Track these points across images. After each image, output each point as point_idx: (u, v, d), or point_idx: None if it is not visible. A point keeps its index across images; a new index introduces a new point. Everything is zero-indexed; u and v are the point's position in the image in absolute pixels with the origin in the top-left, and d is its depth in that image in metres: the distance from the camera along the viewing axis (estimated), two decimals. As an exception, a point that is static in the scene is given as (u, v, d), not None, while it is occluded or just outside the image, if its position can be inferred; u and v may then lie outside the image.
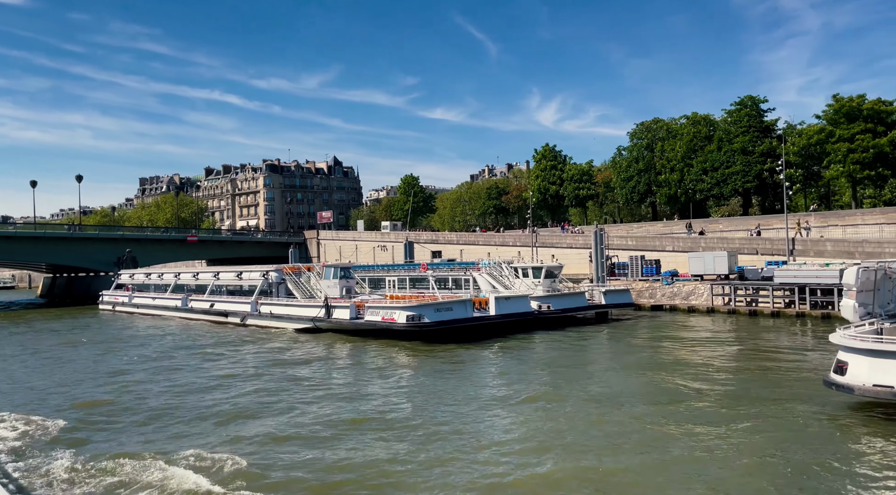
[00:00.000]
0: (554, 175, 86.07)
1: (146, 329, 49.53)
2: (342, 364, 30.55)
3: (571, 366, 28.09)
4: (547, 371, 26.77)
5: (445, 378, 25.75)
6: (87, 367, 30.90)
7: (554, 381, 24.54)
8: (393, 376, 26.59)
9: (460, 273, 49.58)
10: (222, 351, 35.43)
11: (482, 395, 22.27)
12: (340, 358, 32.20)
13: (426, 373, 27.02)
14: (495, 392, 22.90)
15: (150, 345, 38.62)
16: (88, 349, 37.48)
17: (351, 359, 31.59)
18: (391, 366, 28.98)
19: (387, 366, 29.22)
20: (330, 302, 40.70)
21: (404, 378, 26.25)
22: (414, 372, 27.66)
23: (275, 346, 36.59)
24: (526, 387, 23.30)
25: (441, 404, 21.01)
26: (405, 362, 29.96)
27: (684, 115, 75.10)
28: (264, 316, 46.74)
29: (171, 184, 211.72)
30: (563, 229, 71.84)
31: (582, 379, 24.71)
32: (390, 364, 29.60)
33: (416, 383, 25.14)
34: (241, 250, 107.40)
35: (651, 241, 62.33)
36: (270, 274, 49.86)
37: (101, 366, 31.32)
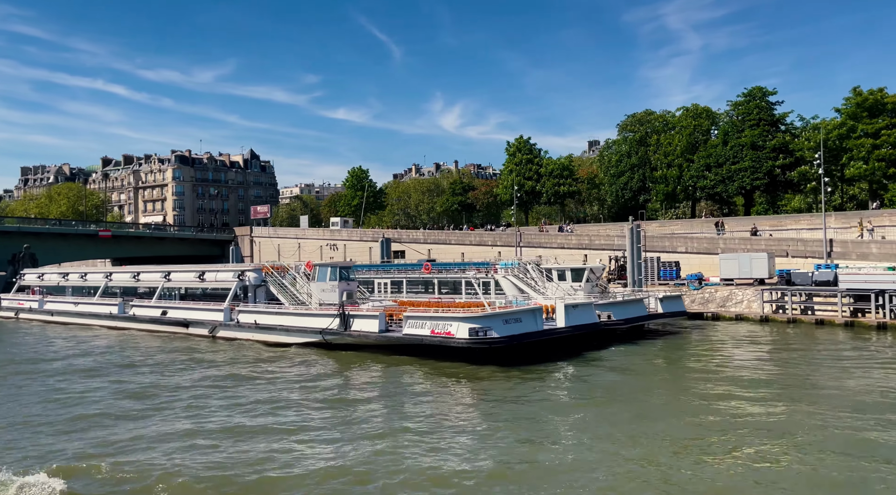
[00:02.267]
0: (530, 170, 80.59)
1: (70, 344, 39.52)
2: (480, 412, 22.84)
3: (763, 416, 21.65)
4: (728, 420, 20.34)
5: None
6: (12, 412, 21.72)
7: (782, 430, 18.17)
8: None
9: (477, 275, 42.70)
10: (199, 381, 26.85)
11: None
12: (457, 394, 24.20)
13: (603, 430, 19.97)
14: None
15: (99, 373, 29.08)
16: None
17: (474, 396, 23.39)
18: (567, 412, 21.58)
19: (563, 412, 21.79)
20: (347, 310, 32.76)
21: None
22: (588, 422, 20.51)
23: (297, 373, 28.36)
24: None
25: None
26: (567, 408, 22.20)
27: (683, 106, 71.74)
28: (245, 327, 37.97)
29: (60, 174, 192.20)
30: (562, 229, 66.24)
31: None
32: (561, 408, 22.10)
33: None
34: (160, 248, 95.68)
35: (660, 242, 57.71)
36: (248, 274, 41.07)
37: (36, 408, 22.19)
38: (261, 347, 35.62)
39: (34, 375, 28.23)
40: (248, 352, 33.98)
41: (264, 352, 34.04)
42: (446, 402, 21.74)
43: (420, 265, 48.14)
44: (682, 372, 26.65)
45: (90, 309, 50.14)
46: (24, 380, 26.77)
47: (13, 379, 27.05)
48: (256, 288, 41.50)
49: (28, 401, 22.90)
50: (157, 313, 44.23)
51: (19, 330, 49.21)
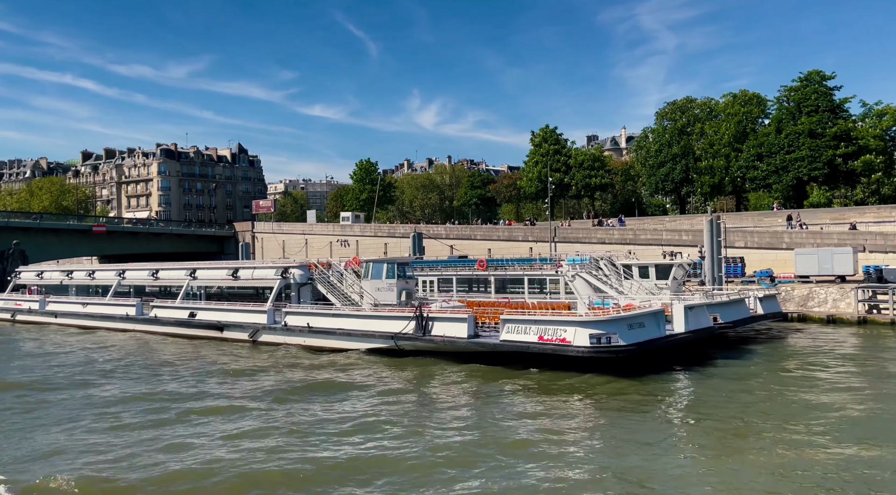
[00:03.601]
0: (557, 161, 76.88)
1: (85, 351, 35.14)
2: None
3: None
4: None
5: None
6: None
7: None
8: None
9: (544, 272, 38.93)
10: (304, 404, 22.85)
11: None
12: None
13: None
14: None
15: (135, 390, 24.85)
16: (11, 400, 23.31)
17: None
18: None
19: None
20: (425, 311, 28.79)
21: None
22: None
23: (373, 386, 24.40)
24: None
25: None
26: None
27: (730, 93, 68.45)
28: (294, 330, 33.83)
29: (37, 168, 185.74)
30: (601, 223, 62.62)
31: None
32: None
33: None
34: (156, 245, 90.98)
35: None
36: (292, 271, 36.92)
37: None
38: (314, 354, 31.62)
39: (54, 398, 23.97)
40: (303, 360, 29.98)
41: (322, 359, 30.04)
42: (585, 431, 17.96)
43: (468, 261, 44.27)
44: (827, 389, 22.91)
45: (102, 310, 45.63)
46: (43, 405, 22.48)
47: (30, 399, 22.76)
48: (301, 286, 37.39)
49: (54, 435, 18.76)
50: (183, 315, 39.90)
51: (18, 334, 44.62)
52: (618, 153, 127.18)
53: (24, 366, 30.51)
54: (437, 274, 43.58)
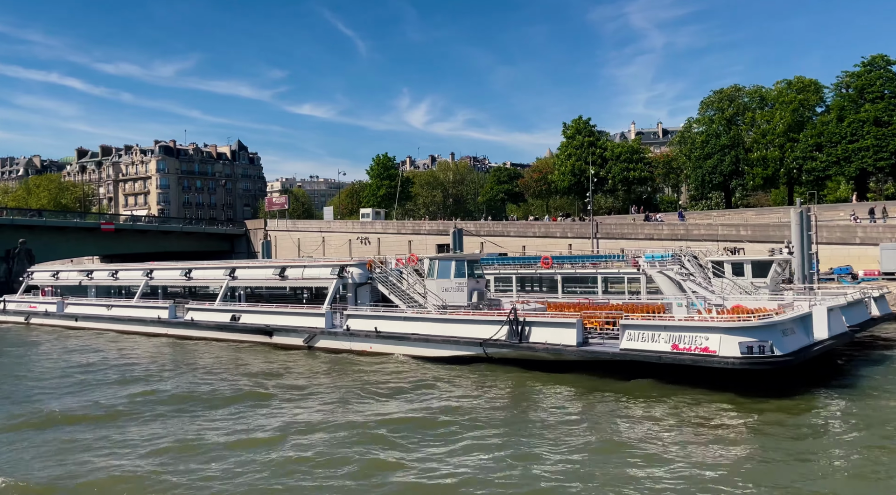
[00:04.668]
0: (592, 153, 73.71)
1: (115, 356, 31.80)
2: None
3: None
4: None
5: None
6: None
7: None
8: None
9: (622, 270, 35.83)
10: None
11: None
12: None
13: None
14: None
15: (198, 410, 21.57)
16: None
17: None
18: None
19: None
20: (520, 315, 25.56)
21: None
22: None
23: (468, 400, 21.20)
24: None
25: None
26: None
27: (784, 80, 65.18)
28: (358, 335, 30.56)
29: (31, 166, 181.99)
30: (648, 218, 59.57)
31: None
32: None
33: None
34: (165, 243, 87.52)
35: (778, 231, 51.43)
36: (351, 270, 33.58)
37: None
38: (383, 361, 28.41)
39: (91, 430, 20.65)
40: (377, 369, 26.75)
41: (399, 368, 26.84)
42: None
43: (530, 258, 41.11)
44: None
45: (129, 313, 42.17)
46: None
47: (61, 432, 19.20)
48: (358, 286, 34.08)
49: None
50: (224, 318, 36.53)
51: (34, 339, 41.06)
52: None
53: (61, 385, 27.10)
54: (495, 272, 40.39)
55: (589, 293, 37.36)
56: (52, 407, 21.26)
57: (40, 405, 21.72)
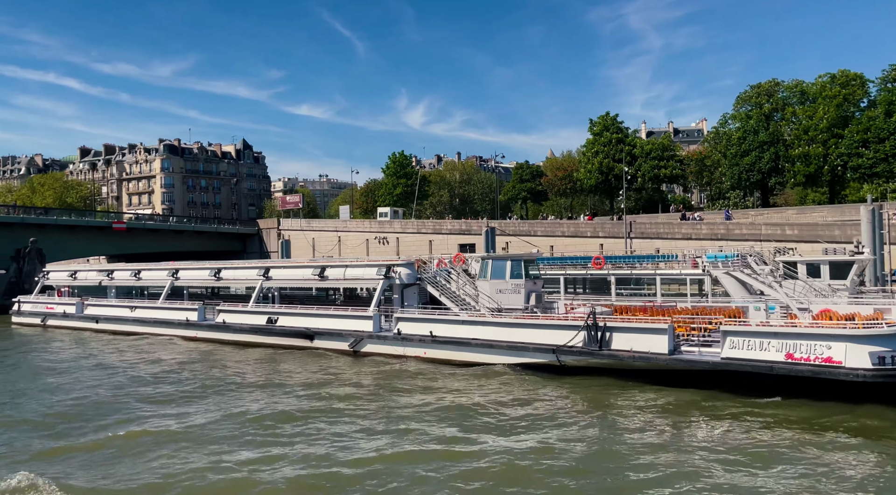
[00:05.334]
0: (620, 150, 71.82)
1: (157, 364, 29.76)
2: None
3: None
4: None
5: None
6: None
7: None
8: None
9: (684, 271, 33.94)
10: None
11: None
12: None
13: None
14: None
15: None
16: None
17: None
18: None
19: None
20: (599, 319, 23.62)
21: None
22: None
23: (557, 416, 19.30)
24: None
25: None
26: None
27: (827, 73, 63.25)
28: (410, 340, 28.66)
29: (33, 165, 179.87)
30: (685, 217, 57.66)
31: None
32: None
33: None
34: (177, 243, 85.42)
35: (827, 230, 49.57)
36: (398, 270, 31.66)
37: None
38: (438, 368, 26.56)
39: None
40: (437, 377, 24.85)
41: (457, 376, 24.95)
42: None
43: (579, 258, 39.16)
44: None
45: (155, 314, 40.20)
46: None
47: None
48: (405, 288, 32.18)
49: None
50: (259, 321, 34.59)
51: (52, 342, 39.04)
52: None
53: (90, 404, 25.11)
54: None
55: (640, 295, 35.57)
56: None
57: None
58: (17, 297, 50.71)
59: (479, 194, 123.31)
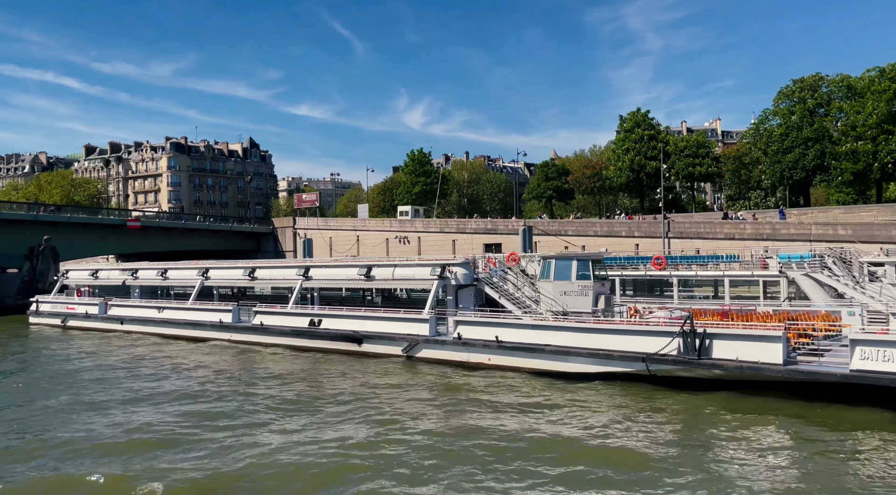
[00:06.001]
0: (653, 148, 69.67)
1: (202, 371, 27.68)
2: None
3: None
4: None
5: None
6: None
7: None
8: None
9: (757, 272, 31.88)
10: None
11: None
12: None
13: None
14: None
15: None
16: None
17: None
18: None
19: None
20: (698, 325, 21.51)
21: None
22: None
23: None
24: None
25: None
26: None
27: (876, 67, 60.79)
28: (473, 345, 26.59)
29: (37, 163, 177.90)
30: (727, 216, 55.58)
31: None
32: None
33: None
34: (190, 242, 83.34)
35: (880, 230, 47.52)
36: (454, 269, 29.57)
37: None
38: (507, 376, 24.50)
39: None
40: (514, 386, 22.81)
41: (533, 387, 22.89)
42: None
43: (636, 258, 37.09)
44: None
45: (185, 316, 38.05)
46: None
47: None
48: (460, 288, 30.11)
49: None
50: (300, 323, 32.48)
51: (73, 344, 36.89)
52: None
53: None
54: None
55: (700, 298, 33.56)
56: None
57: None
58: (35, 297, 48.56)
59: (488, 194, 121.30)
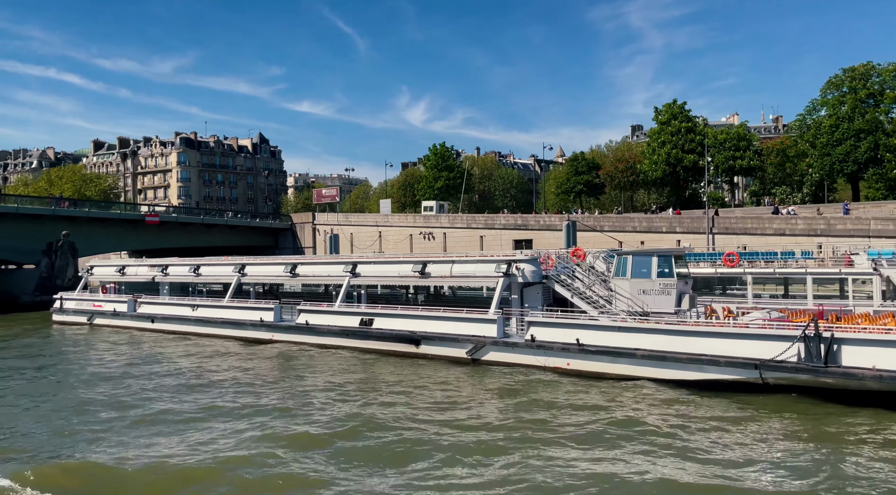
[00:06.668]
0: (691, 140, 67.27)
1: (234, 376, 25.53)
2: None
3: None
4: None
5: None
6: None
7: None
8: None
9: (844, 270, 29.63)
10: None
11: None
12: None
13: None
14: None
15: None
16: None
17: None
18: None
19: None
20: (823, 329, 19.26)
21: None
22: None
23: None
24: None
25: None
26: None
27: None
28: (549, 348, 24.42)
29: (44, 159, 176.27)
30: (777, 211, 53.23)
31: None
32: None
33: None
34: (208, 238, 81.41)
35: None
36: (521, 266, 27.33)
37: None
38: (585, 381, 22.37)
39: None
40: (611, 394, 20.65)
41: (627, 396, 20.70)
42: None
43: (706, 255, 34.87)
44: None
45: (222, 314, 35.86)
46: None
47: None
48: (526, 287, 27.91)
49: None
50: (350, 323, 30.32)
51: (101, 343, 34.78)
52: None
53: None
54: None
55: (788, 297, 31.39)
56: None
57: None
58: (59, 294, 46.42)
59: (501, 190, 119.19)
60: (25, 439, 17.30)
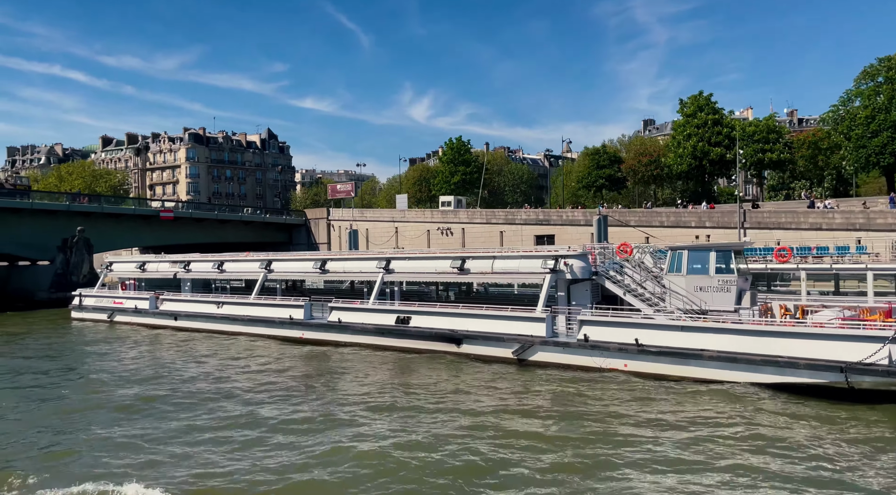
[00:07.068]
0: (718, 133, 65.70)
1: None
2: None
3: None
4: None
5: None
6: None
7: None
8: None
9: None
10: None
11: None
12: None
13: None
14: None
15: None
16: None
17: None
18: None
19: None
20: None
21: None
22: None
23: None
24: None
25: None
26: None
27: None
28: (604, 348, 23.07)
29: (53, 155, 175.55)
30: (813, 204, 51.67)
31: None
32: None
33: None
34: (221, 233, 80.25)
35: None
36: (569, 262, 25.93)
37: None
38: (653, 383, 20.99)
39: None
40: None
41: (703, 399, 19.29)
42: None
43: (755, 250, 33.38)
44: None
45: (248, 312, 34.57)
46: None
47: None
48: (573, 283, 26.53)
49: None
50: (386, 320, 29.00)
51: (125, 342, 33.56)
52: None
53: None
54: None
55: (844, 295, 29.92)
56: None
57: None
58: (78, 291, 45.24)
59: (510, 185, 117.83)
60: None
